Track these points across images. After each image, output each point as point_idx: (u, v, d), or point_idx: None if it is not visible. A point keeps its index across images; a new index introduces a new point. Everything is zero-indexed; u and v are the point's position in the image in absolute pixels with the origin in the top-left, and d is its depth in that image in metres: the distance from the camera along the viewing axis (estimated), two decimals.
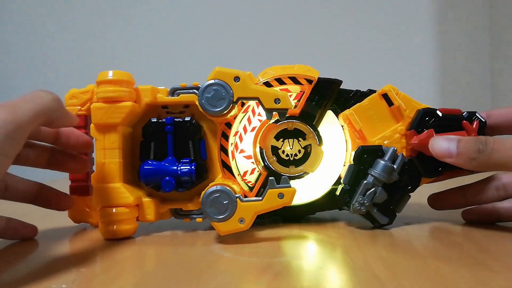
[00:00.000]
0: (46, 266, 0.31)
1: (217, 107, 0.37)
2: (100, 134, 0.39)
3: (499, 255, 0.31)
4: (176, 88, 0.41)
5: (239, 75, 0.36)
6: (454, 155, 0.35)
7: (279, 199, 0.36)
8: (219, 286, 0.26)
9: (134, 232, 0.39)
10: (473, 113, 0.40)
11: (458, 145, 0.35)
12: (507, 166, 0.34)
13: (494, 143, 0.34)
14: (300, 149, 0.41)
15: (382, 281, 0.25)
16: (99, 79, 0.39)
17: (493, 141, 0.34)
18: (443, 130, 0.39)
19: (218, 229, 0.36)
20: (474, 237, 0.36)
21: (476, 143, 0.35)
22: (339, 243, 0.35)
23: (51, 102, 0.31)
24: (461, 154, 0.35)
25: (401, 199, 0.39)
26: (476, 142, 0.35)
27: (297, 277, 0.27)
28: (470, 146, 0.35)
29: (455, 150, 0.35)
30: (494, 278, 0.25)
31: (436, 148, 0.36)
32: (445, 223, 0.41)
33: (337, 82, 0.41)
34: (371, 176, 0.38)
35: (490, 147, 0.34)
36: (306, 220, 0.44)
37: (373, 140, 0.40)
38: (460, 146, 0.35)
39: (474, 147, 0.34)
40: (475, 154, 0.34)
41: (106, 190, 0.38)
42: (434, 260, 0.29)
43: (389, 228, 0.39)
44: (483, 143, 0.34)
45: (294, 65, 0.42)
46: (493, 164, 0.34)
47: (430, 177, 0.40)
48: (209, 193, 0.36)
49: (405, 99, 0.40)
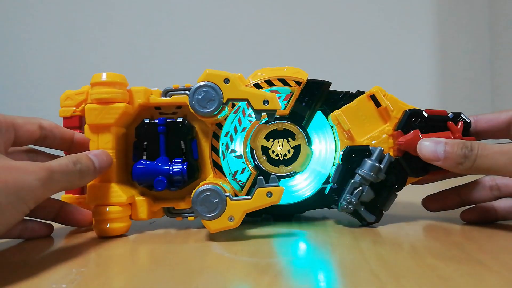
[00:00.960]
0: (43, 265, 0.31)
1: (207, 108, 0.37)
2: (94, 135, 0.40)
3: (499, 254, 0.31)
4: (169, 89, 0.42)
5: (229, 77, 0.37)
6: (442, 158, 0.36)
7: (267, 198, 0.37)
8: (218, 287, 0.26)
9: (127, 230, 0.40)
10: (458, 114, 0.41)
11: (445, 149, 0.36)
12: (491, 171, 0.35)
13: (479, 149, 0.35)
14: (290, 149, 0.42)
15: (382, 281, 0.25)
16: (93, 81, 0.40)
17: (478, 146, 0.35)
18: (429, 130, 0.40)
19: (208, 227, 0.37)
20: (474, 237, 0.36)
21: (462, 149, 0.35)
22: (339, 243, 0.35)
23: (36, 189, 0.29)
24: (447, 159, 0.36)
25: (388, 198, 0.40)
26: (462, 148, 0.35)
27: (297, 277, 0.27)
28: (456, 151, 0.35)
29: (442, 154, 0.36)
30: (494, 278, 0.26)
31: (424, 151, 0.37)
32: (444, 223, 0.41)
33: (326, 83, 0.42)
34: (358, 176, 0.39)
35: (475, 153, 0.35)
36: (296, 218, 0.45)
37: (361, 140, 0.41)
38: (447, 150, 0.36)
39: (460, 152, 0.35)
40: (461, 159, 0.35)
41: (100, 189, 0.39)
42: (434, 260, 0.29)
43: (389, 228, 0.40)
44: (469, 149, 0.35)
45: (284, 67, 0.43)
46: (478, 169, 0.35)
47: (416, 177, 0.40)
48: (199, 192, 0.37)
49: (392, 100, 0.41)
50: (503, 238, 0.36)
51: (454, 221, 0.42)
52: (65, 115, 0.44)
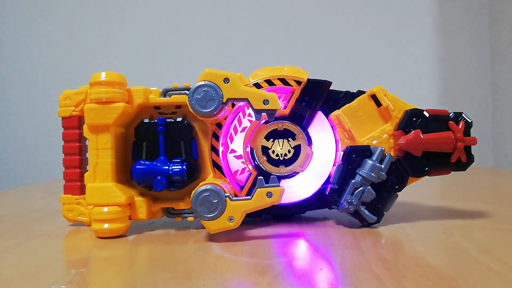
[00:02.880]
0: (42, 265, 0.31)
1: (207, 108, 0.37)
2: (93, 135, 0.40)
3: (500, 255, 0.31)
4: (168, 89, 0.42)
5: (229, 76, 0.37)
6: None
7: (267, 198, 0.36)
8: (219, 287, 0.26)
9: (126, 230, 0.40)
10: (459, 113, 0.41)
11: None
12: None
13: None
14: (290, 149, 0.42)
15: (382, 281, 0.25)
16: (92, 81, 0.39)
17: None
18: (430, 130, 0.40)
19: (208, 227, 0.36)
20: (473, 237, 0.36)
21: None
22: (339, 243, 0.35)
23: None
24: None
25: (388, 198, 0.40)
26: None
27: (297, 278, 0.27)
28: None
29: None
30: (494, 278, 0.26)
31: None
32: (444, 223, 0.41)
33: (326, 83, 0.42)
34: (359, 176, 0.39)
35: None
36: (297, 219, 0.45)
37: (362, 140, 0.41)
38: None
39: None
40: None
41: (99, 189, 0.39)
42: (434, 260, 0.29)
43: (390, 228, 0.40)
44: None
45: (284, 66, 0.42)
46: None
47: (417, 177, 0.40)
48: (199, 192, 0.36)
49: (393, 100, 0.41)
50: (504, 239, 0.36)
51: (454, 221, 0.42)
52: (64, 115, 0.43)
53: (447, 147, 0.40)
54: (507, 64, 1.31)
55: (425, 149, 0.39)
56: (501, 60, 1.35)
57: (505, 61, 1.33)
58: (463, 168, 0.41)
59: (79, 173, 0.44)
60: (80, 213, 0.44)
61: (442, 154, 0.40)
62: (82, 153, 0.44)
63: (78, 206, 0.43)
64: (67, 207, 0.44)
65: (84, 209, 0.43)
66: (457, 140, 0.40)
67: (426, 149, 0.39)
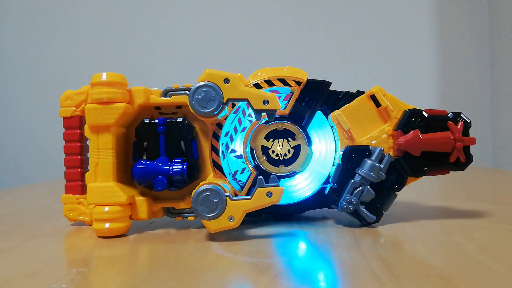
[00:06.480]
0: (43, 264, 0.31)
1: (207, 108, 0.37)
2: (94, 135, 0.40)
3: (499, 255, 0.31)
4: (169, 89, 0.42)
5: (229, 77, 0.37)
6: None
7: (267, 198, 0.37)
8: (218, 286, 0.26)
9: (127, 230, 0.40)
10: (458, 114, 0.41)
11: None
12: None
13: None
14: (290, 149, 0.42)
15: (382, 281, 0.25)
16: (93, 81, 0.40)
17: None
18: (428, 130, 0.40)
19: (208, 227, 0.37)
20: (474, 237, 0.36)
21: None
22: (339, 243, 0.35)
23: None
24: None
25: (388, 198, 0.40)
26: None
27: (297, 277, 0.27)
28: None
29: None
30: (494, 278, 0.26)
31: None
32: (444, 223, 0.42)
33: (326, 83, 0.42)
34: (358, 176, 0.39)
35: None
36: (296, 218, 0.45)
37: (361, 140, 0.41)
38: None
39: None
40: None
41: (100, 189, 0.39)
42: (434, 260, 0.29)
43: (389, 228, 0.40)
44: None
45: (284, 67, 0.43)
46: None
47: (416, 176, 0.40)
48: (199, 192, 0.37)
49: (392, 100, 0.41)
50: (504, 239, 0.36)
51: (454, 221, 0.42)
52: (65, 115, 0.44)
53: (446, 147, 0.40)
54: (507, 64, 1.32)
55: (424, 149, 0.40)
56: (500, 60, 1.35)
57: (504, 61, 1.33)
58: (462, 168, 0.41)
59: (80, 173, 0.44)
60: (81, 213, 0.44)
61: (441, 154, 0.40)
62: (83, 153, 0.44)
63: (79, 205, 0.44)
64: (68, 207, 0.44)
65: (85, 208, 0.44)
66: (456, 140, 0.40)
67: (425, 149, 0.40)
